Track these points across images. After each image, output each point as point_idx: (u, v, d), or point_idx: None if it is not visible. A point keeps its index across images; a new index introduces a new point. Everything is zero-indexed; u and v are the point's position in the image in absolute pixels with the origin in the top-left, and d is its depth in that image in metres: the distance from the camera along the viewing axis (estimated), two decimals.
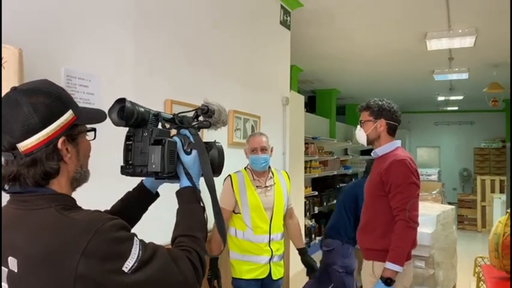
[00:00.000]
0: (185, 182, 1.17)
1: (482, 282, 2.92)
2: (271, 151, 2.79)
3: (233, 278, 2.73)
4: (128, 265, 0.92)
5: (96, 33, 2.20)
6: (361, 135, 2.57)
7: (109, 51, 2.28)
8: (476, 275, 3.19)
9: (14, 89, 0.97)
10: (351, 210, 3.59)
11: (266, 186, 2.73)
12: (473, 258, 3.59)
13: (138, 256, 0.94)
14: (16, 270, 0.92)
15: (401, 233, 2.29)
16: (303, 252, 2.89)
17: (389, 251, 2.29)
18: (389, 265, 2.26)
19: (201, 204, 1.17)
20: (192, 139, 1.20)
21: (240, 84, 3.63)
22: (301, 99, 6.13)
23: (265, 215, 2.66)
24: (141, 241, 0.99)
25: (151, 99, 2.59)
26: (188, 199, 1.16)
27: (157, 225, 1.79)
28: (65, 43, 2.03)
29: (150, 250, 0.98)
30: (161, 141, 1.12)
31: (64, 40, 2.03)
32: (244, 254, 2.66)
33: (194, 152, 1.18)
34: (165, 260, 0.99)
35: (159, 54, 2.68)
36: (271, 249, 2.66)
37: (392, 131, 2.54)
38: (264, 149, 2.70)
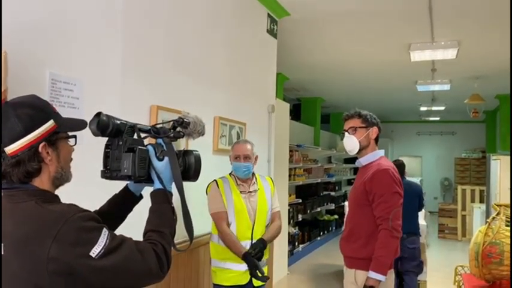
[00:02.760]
0: (157, 185, 1.32)
1: None
2: (256, 159, 2.79)
3: (214, 284, 2.72)
4: (95, 251, 1.06)
5: (83, 38, 2.19)
6: (352, 141, 2.51)
7: (95, 56, 2.27)
8: (456, 283, 3.23)
9: (5, 102, 1.17)
10: (416, 209, 4.37)
11: (250, 192, 2.73)
12: (453, 266, 3.64)
13: (105, 244, 1.08)
14: (3, 253, 1.10)
15: (384, 242, 2.30)
16: (261, 242, 2.65)
17: (373, 260, 2.30)
18: (372, 274, 2.27)
19: (171, 205, 1.31)
20: (165, 147, 1.34)
21: (226, 91, 3.63)
22: (286, 107, 6.16)
23: (248, 220, 2.67)
24: (110, 232, 1.13)
25: (137, 105, 2.58)
26: (159, 200, 1.30)
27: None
28: (51, 46, 2.01)
29: (117, 240, 1.12)
30: (133, 149, 1.27)
31: (50, 43, 2.01)
32: (226, 261, 2.65)
33: (166, 158, 1.32)
34: (131, 250, 1.13)
35: (146, 60, 2.67)
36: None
37: (377, 140, 2.58)
38: (247, 157, 2.69)
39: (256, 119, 4.24)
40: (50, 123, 1.17)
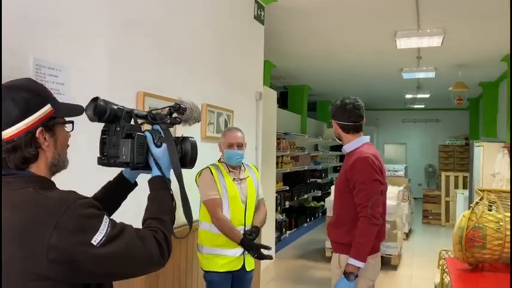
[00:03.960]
0: (156, 172, 1.30)
1: (446, 274, 3.02)
2: (245, 147, 2.81)
3: (205, 271, 2.72)
4: (97, 239, 1.03)
5: (68, 23, 2.14)
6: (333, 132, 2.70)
7: (81, 42, 2.22)
8: (440, 267, 3.29)
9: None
10: None
11: (240, 179, 2.76)
12: (437, 251, 3.71)
13: (106, 232, 1.05)
14: None
15: (363, 230, 2.33)
16: (256, 227, 2.72)
17: (352, 247, 2.34)
18: (352, 261, 2.32)
19: (170, 192, 1.29)
20: (162, 133, 1.32)
21: (213, 78, 3.61)
22: (273, 95, 6.15)
23: (241, 206, 2.70)
24: (111, 220, 1.10)
25: (123, 91, 2.55)
26: (158, 186, 1.28)
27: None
28: (35, 32, 1.97)
29: (118, 227, 1.10)
30: (131, 135, 1.24)
31: (34, 29, 1.96)
32: (219, 247, 2.66)
33: (164, 145, 1.30)
34: (132, 237, 1.11)
35: (132, 46, 2.63)
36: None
37: (350, 130, 2.53)
38: (240, 145, 2.73)
39: (244, 106, 4.23)
40: (47, 108, 1.13)
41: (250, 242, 2.60)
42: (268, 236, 5.66)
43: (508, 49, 6.57)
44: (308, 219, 8.47)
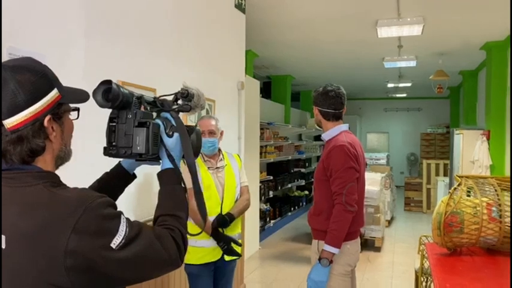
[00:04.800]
0: (167, 164, 1.20)
1: (425, 259, 3.08)
2: (222, 135, 2.78)
3: (185, 264, 2.70)
4: (116, 242, 0.95)
5: (43, 10, 2.09)
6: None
7: (57, 29, 2.18)
8: (420, 252, 3.36)
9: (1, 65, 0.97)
10: None
11: (217, 168, 2.74)
12: (418, 237, 3.79)
13: (125, 233, 0.97)
14: (4, 247, 0.93)
15: (337, 217, 2.37)
16: (227, 215, 2.67)
17: (327, 234, 2.38)
18: (327, 247, 2.36)
19: (182, 185, 1.20)
20: (173, 122, 1.22)
21: (194, 67, 3.58)
22: (256, 85, 6.14)
23: (217, 195, 2.68)
24: (127, 219, 1.01)
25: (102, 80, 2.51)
26: (170, 180, 1.19)
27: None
28: (8, 20, 1.92)
29: (136, 228, 1.01)
30: (145, 123, 1.14)
31: (7, 17, 1.91)
32: (196, 239, 2.64)
33: (176, 134, 1.20)
34: (150, 237, 1.02)
35: (112, 35, 2.59)
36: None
37: (330, 117, 2.56)
38: (211, 133, 2.70)
39: (226, 96, 4.22)
40: (55, 93, 1.00)
41: (220, 235, 2.58)
42: (252, 226, 5.69)
43: (487, 38, 6.68)
44: (292, 208, 8.53)
